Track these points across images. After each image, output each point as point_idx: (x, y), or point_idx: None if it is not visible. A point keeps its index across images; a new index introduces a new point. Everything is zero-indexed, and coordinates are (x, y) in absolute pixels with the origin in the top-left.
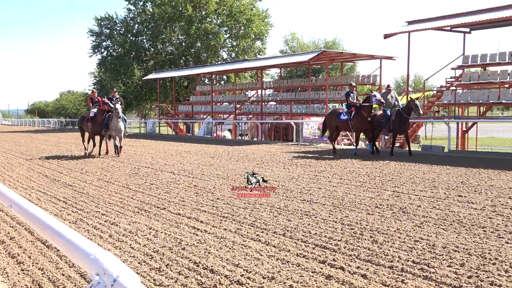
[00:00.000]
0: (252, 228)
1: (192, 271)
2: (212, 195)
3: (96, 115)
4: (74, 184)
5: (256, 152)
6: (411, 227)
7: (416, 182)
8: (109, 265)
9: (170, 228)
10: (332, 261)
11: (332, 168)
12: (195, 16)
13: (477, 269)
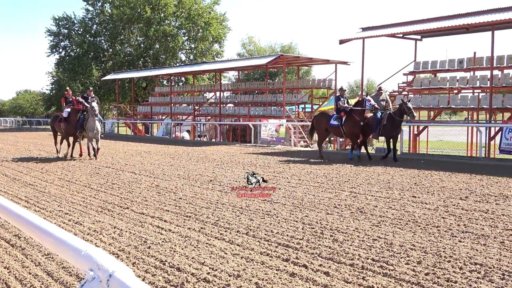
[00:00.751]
0: (216, 227)
1: (159, 269)
2: (174, 195)
3: (70, 115)
4: (35, 184)
5: (215, 153)
6: (369, 226)
7: (371, 183)
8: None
9: (134, 227)
10: (295, 259)
11: (290, 169)
12: (153, 18)
13: (433, 266)
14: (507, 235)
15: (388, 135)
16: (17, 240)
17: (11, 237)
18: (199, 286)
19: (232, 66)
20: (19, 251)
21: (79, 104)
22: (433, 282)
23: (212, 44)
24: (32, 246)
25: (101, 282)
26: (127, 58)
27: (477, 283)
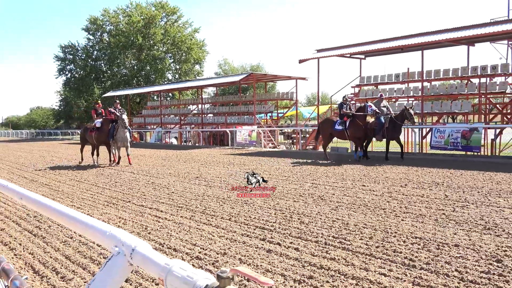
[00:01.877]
0: (204, 215)
1: (158, 250)
2: (167, 190)
3: (102, 125)
4: (50, 184)
5: (199, 155)
6: (328, 210)
7: (329, 176)
8: (125, 238)
9: (136, 217)
10: (270, 239)
11: (262, 166)
12: (144, 44)
13: (382, 240)
14: (440, 214)
15: (390, 137)
16: (38, 231)
17: (33, 228)
18: (193, 263)
19: (210, 83)
20: (40, 239)
21: (111, 114)
22: (383, 253)
23: (193, 65)
24: (51, 235)
25: (125, 255)
26: (123, 78)
27: (418, 252)
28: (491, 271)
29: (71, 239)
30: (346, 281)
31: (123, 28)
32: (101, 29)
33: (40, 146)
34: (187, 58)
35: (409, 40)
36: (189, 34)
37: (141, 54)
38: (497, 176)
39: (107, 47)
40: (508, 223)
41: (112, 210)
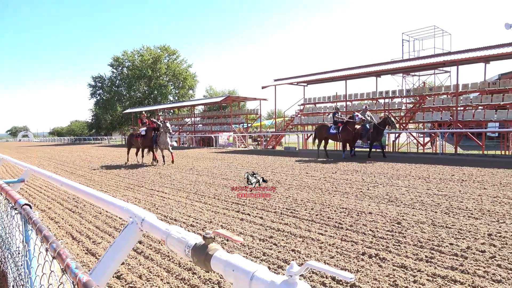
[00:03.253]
0: (196, 195)
1: (163, 221)
2: (169, 178)
3: (147, 132)
4: (85, 175)
5: (192, 153)
6: (283, 190)
7: (283, 166)
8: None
9: (147, 197)
10: (243, 211)
11: (236, 160)
12: (153, 76)
13: (320, 210)
14: (358, 192)
15: (374, 139)
16: (76, 209)
17: (72, 207)
18: (188, 229)
19: (200, 103)
20: (77, 215)
21: (153, 123)
22: (320, 219)
23: (188, 90)
24: (85, 212)
25: (137, 224)
26: (137, 99)
27: (344, 218)
28: (393, 230)
29: (100, 214)
30: (296, 239)
31: (138, 64)
32: (122, 65)
33: (78, 149)
34: (183, 85)
35: (336, 73)
36: (184, 69)
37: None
38: (396, 165)
39: (126, 78)
40: (405, 197)
41: (130, 192)
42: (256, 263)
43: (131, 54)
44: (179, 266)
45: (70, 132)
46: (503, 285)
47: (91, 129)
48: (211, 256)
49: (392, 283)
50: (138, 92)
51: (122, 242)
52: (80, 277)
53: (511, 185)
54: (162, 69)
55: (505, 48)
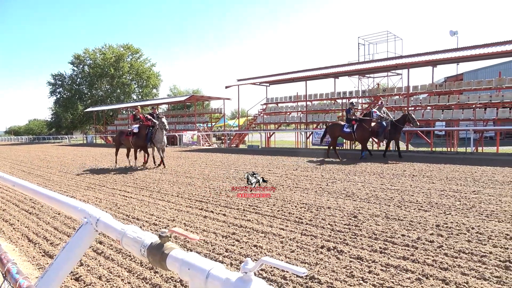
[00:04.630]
0: (159, 194)
1: (125, 220)
2: (132, 177)
3: (140, 130)
4: (43, 175)
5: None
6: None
7: (246, 164)
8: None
9: (109, 197)
10: (206, 208)
11: (200, 158)
12: (115, 74)
13: (281, 206)
14: (318, 187)
15: (391, 138)
16: (33, 210)
17: (28, 208)
18: (150, 228)
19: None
20: (34, 216)
21: (148, 120)
22: (282, 214)
23: (152, 89)
24: (43, 213)
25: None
26: (100, 98)
27: (304, 213)
28: (350, 223)
29: (59, 215)
30: (258, 235)
31: (100, 62)
32: (83, 63)
33: (36, 148)
34: (147, 84)
35: (297, 74)
36: (148, 68)
37: (113, 81)
38: (353, 162)
39: (87, 76)
40: (361, 192)
41: (91, 192)
42: (212, 261)
43: (92, 52)
44: (141, 266)
45: (28, 131)
46: (449, 272)
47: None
48: (167, 255)
49: (349, 274)
50: (100, 91)
51: (76, 243)
52: (20, 282)
53: (456, 179)
54: (125, 68)
55: (450, 53)
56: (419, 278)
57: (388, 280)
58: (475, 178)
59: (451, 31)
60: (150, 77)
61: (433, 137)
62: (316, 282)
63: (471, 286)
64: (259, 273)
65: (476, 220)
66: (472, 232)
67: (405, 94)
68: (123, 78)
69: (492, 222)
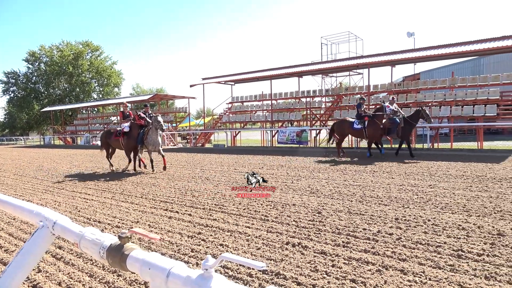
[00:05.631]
0: (122, 195)
1: (86, 224)
2: (93, 178)
3: (131, 130)
4: None
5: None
6: (212, 187)
7: (212, 163)
8: (48, 214)
9: (68, 200)
10: (171, 209)
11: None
12: (74, 72)
13: (247, 204)
14: (283, 185)
15: (404, 135)
16: None
17: None
18: (114, 231)
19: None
20: None
21: (140, 119)
22: (248, 213)
23: (113, 88)
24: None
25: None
26: (57, 97)
27: (270, 211)
28: (315, 219)
29: (14, 220)
30: (224, 234)
31: (57, 60)
32: (39, 60)
33: None
34: (108, 82)
35: (262, 73)
36: (109, 66)
37: (72, 79)
38: (317, 159)
39: (44, 74)
40: (324, 188)
41: (49, 196)
42: (173, 260)
43: (49, 49)
44: (103, 269)
45: None
46: (407, 263)
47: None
48: (127, 256)
49: (313, 268)
50: (58, 90)
51: (32, 248)
52: None
53: (414, 174)
54: (84, 66)
55: (407, 53)
56: (379, 269)
57: (351, 272)
58: (431, 173)
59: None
60: (111, 75)
61: None
62: (281, 277)
63: (427, 275)
64: (225, 272)
65: (432, 213)
66: (428, 224)
67: (366, 93)
68: (83, 76)
69: (447, 214)
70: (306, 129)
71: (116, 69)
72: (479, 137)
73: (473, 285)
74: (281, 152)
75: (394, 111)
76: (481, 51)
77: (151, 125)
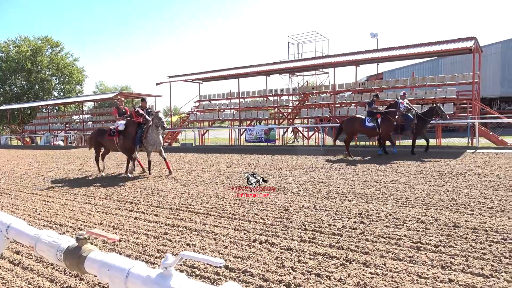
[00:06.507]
0: (84, 197)
1: (47, 227)
2: (55, 180)
3: (127, 128)
4: None
5: (81, 153)
6: (179, 186)
7: (179, 162)
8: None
9: (27, 203)
10: (137, 209)
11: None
12: (33, 69)
13: (215, 203)
14: None
15: (418, 133)
16: None
17: None
18: (75, 233)
19: (89, 99)
20: None
21: (138, 116)
22: (215, 212)
23: (75, 85)
24: None
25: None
26: (14, 95)
27: (237, 209)
28: (282, 216)
29: None
30: (191, 233)
31: (13, 56)
32: None
33: None
34: (69, 80)
35: (230, 71)
36: (70, 62)
37: (30, 76)
38: (285, 157)
39: None
40: (291, 186)
41: (5, 199)
42: (133, 260)
43: (4, 44)
44: (65, 274)
45: None
46: (370, 256)
47: None
48: (85, 257)
49: (279, 264)
50: (14, 87)
51: None
52: None
53: (377, 170)
54: (43, 62)
55: (371, 53)
56: (343, 263)
57: (316, 267)
58: (393, 169)
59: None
60: (73, 72)
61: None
62: (248, 275)
63: (388, 267)
64: (192, 271)
65: (393, 207)
66: (390, 218)
67: (332, 92)
68: (42, 73)
69: (407, 208)
70: (274, 128)
71: (78, 66)
72: (437, 134)
73: (430, 275)
74: (249, 151)
75: (408, 108)
76: (439, 52)
77: (151, 122)
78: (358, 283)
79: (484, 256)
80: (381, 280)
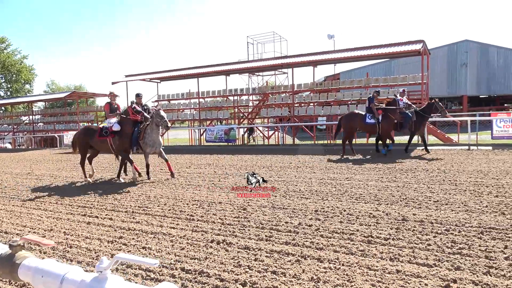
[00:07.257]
0: (33, 202)
1: None
2: (0, 185)
3: (123, 127)
4: None
5: (31, 156)
6: (135, 188)
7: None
8: None
9: None
10: (90, 214)
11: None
12: None
13: (173, 205)
14: (210, 184)
15: (417, 130)
16: None
17: None
18: None
19: (40, 98)
20: None
21: (135, 114)
22: (173, 213)
23: (24, 84)
24: None
25: None
26: None
27: (196, 210)
28: (240, 216)
29: None
30: (147, 236)
31: None
32: None
33: None
34: (17, 79)
35: (189, 71)
36: (18, 60)
37: None
38: (245, 157)
39: None
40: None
41: None
42: (68, 265)
43: None
44: (9, 284)
45: None
46: (324, 251)
47: None
48: (19, 265)
49: (236, 264)
50: None
51: None
52: None
53: (333, 168)
54: None
55: (328, 54)
56: (298, 259)
57: (272, 265)
58: (348, 166)
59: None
60: (21, 71)
61: (316, 131)
62: (205, 276)
63: (341, 261)
64: (147, 275)
65: (348, 203)
66: (344, 214)
67: (291, 92)
68: None
69: (360, 204)
70: (234, 127)
71: (27, 64)
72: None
73: (379, 267)
74: (209, 151)
75: (408, 104)
76: (391, 54)
77: (150, 121)
78: (312, 278)
79: (429, 247)
80: (333, 274)
